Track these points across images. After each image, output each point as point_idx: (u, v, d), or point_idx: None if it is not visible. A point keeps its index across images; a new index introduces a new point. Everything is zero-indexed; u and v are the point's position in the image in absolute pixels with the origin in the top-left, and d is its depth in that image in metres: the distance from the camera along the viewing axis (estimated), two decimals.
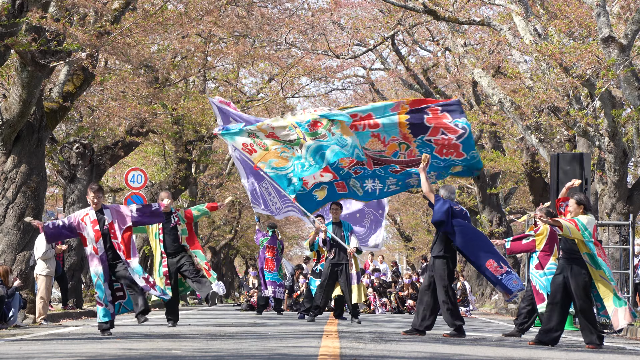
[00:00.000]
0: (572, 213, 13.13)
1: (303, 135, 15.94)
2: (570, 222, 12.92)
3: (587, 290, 13.01)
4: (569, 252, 13.10)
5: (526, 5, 21.21)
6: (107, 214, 13.85)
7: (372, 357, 9.50)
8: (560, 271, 13.18)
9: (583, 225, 12.91)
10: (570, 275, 13.03)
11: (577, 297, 13.01)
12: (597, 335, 13.02)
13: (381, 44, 31.97)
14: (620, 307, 12.99)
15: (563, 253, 13.23)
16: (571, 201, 13.20)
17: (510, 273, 14.11)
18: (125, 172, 29.57)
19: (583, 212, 13.10)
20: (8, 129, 19.18)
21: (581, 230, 12.87)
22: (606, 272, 12.99)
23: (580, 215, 13.05)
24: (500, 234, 32.58)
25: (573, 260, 13.04)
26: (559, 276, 13.17)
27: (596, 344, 12.90)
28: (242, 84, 35.34)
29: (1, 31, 16.57)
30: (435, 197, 14.20)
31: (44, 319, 18.45)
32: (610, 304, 13.00)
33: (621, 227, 21.12)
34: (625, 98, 19.75)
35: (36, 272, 18.80)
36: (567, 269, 13.06)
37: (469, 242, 14.09)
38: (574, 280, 13.01)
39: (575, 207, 13.13)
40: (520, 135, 27.55)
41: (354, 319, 18.24)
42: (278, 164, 16.35)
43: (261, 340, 12.08)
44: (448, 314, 14.11)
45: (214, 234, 50.02)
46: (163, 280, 16.19)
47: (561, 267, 13.22)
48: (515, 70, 23.00)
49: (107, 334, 13.56)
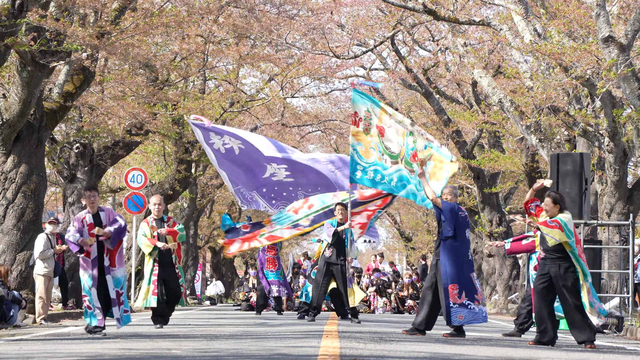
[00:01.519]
0: (548, 212, 13.03)
1: (403, 156, 16.66)
2: (552, 225, 12.86)
3: (576, 286, 12.99)
4: (552, 252, 13.02)
5: (526, 5, 21.20)
6: (103, 217, 13.79)
7: (372, 357, 9.50)
8: (547, 271, 13.08)
9: (565, 224, 12.88)
10: (558, 274, 12.96)
11: (569, 295, 12.95)
12: (593, 331, 13.04)
13: (381, 44, 31.98)
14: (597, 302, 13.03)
15: (546, 253, 13.13)
16: (547, 200, 13.07)
17: (467, 307, 14.07)
18: (125, 172, 29.58)
19: (559, 210, 13.02)
20: (8, 129, 19.17)
21: (565, 231, 12.84)
22: (584, 275, 12.99)
23: (559, 215, 12.98)
24: (500, 234, 32.57)
25: (558, 259, 12.99)
26: (544, 276, 13.08)
27: (592, 340, 12.92)
28: (242, 83, 35.32)
29: (1, 31, 16.56)
30: (442, 202, 14.30)
31: (44, 319, 18.44)
32: (587, 300, 13.00)
33: (621, 227, 21.11)
34: (625, 98, 19.75)
35: (35, 271, 18.80)
36: (554, 268, 12.99)
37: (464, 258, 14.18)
38: (563, 279, 12.94)
39: (552, 206, 13.02)
40: (520, 135, 27.55)
41: (353, 319, 18.25)
42: (361, 150, 17.03)
43: (261, 340, 12.08)
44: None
45: (214, 234, 50.01)
46: (151, 289, 16.03)
47: (547, 267, 13.11)
48: (515, 70, 23.00)
49: (100, 334, 13.47)
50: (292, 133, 44.83)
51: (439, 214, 14.26)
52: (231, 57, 29.35)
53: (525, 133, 23.88)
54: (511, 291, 33.11)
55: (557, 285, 13.00)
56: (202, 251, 49.19)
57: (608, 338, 16.56)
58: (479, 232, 34.80)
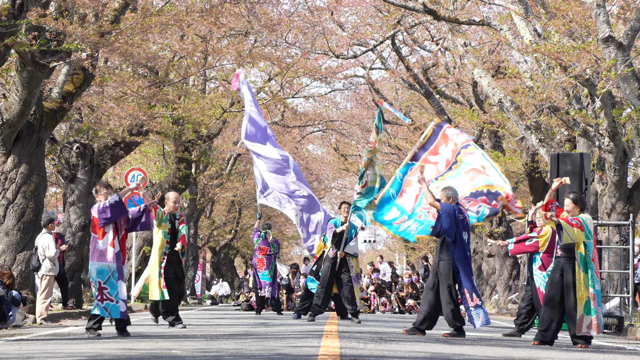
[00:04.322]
0: (569, 213, 13.09)
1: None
2: (573, 223, 12.87)
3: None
4: (569, 251, 13.08)
5: (526, 5, 21.20)
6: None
7: (372, 357, 9.50)
8: (560, 271, 13.14)
9: (585, 224, 12.91)
10: (571, 273, 13.01)
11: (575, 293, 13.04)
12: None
13: (381, 43, 31.97)
14: (588, 315, 12.91)
15: (562, 252, 13.20)
16: (567, 200, 13.15)
17: (479, 307, 14.19)
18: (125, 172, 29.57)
19: (580, 211, 13.06)
20: (8, 129, 19.17)
21: (585, 231, 12.86)
22: (590, 278, 12.95)
23: (581, 214, 13.03)
24: (500, 234, 32.57)
25: (573, 259, 13.03)
26: (557, 275, 13.14)
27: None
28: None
29: (1, 31, 16.56)
30: (440, 204, 14.34)
31: (44, 319, 18.44)
32: (580, 309, 12.96)
33: (621, 227, 21.12)
34: (625, 98, 19.75)
35: (42, 272, 18.75)
36: (568, 267, 13.03)
37: (464, 261, 14.20)
38: (575, 278, 13.00)
39: (573, 207, 13.09)
40: (521, 135, 27.54)
41: (354, 318, 18.25)
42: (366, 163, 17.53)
43: (261, 340, 12.08)
44: (450, 314, 14.17)
45: (214, 234, 50.02)
46: (161, 281, 16.01)
47: (560, 265, 13.17)
48: (515, 70, 23.00)
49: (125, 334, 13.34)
50: (292, 133, 44.85)
51: (438, 216, 14.34)
52: (231, 57, 29.35)
53: (525, 133, 23.89)
54: (511, 291, 33.12)
55: (567, 284, 13.01)
56: (202, 251, 49.20)
57: (608, 338, 16.57)
58: (479, 232, 34.80)
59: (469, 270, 14.29)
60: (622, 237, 21.26)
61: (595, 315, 12.89)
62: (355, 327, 16.05)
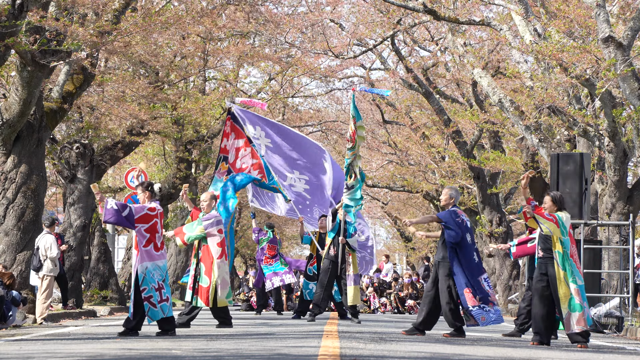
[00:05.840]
0: (546, 210, 13.22)
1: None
2: (549, 218, 13.01)
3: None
4: (548, 251, 13.16)
5: (526, 5, 21.20)
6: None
7: (372, 357, 9.51)
8: (545, 271, 13.20)
9: (561, 221, 13.02)
10: (554, 272, 13.07)
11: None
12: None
13: (381, 43, 31.97)
14: (574, 312, 12.96)
15: (543, 252, 13.26)
16: (547, 198, 13.33)
17: (483, 309, 14.11)
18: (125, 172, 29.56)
19: (557, 210, 13.19)
20: (8, 129, 19.18)
21: (560, 227, 12.97)
22: (570, 274, 12.98)
23: (558, 212, 13.14)
24: (500, 234, 32.56)
25: (553, 259, 13.11)
26: (543, 276, 13.21)
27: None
28: (242, 83, 35.31)
29: (1, 31, 16.56)
30: (438, 216, 14.39)
31: (44, 319, 18.45)
32: (564, 307, 13.00)
33: (621, 227, 21.12)
34: (625, 98, 19.75)
35: (43, 272, 18.74)
36: (551, 267, 13.11)
37: (470, 263, 14.18)
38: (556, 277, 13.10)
39: (550, 205, 13.24)
40: (520, 135, 27.54)
41: (354, 318, 18.24)
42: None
43: (261, 340, 12.08)
44: (450, 315, 14.16)
45: None
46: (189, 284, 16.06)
47: (544, 266, 13.23)
48: (515, 70, 23.00)
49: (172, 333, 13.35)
50: None
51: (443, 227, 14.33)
52: (231, 56, 29.34)
53: (525, 133, 23.88)
54: (511, 291, 33.10)
55: (552, 284, 13.07)
56: None
57: (608, 338, 16.57)
58: (479, 232, 34.79)
59: (476, 271, 14.18)
60: (622, 237, 21.26)
61: (582, 311, 12.94)
62: (355, 327, 16.05)
